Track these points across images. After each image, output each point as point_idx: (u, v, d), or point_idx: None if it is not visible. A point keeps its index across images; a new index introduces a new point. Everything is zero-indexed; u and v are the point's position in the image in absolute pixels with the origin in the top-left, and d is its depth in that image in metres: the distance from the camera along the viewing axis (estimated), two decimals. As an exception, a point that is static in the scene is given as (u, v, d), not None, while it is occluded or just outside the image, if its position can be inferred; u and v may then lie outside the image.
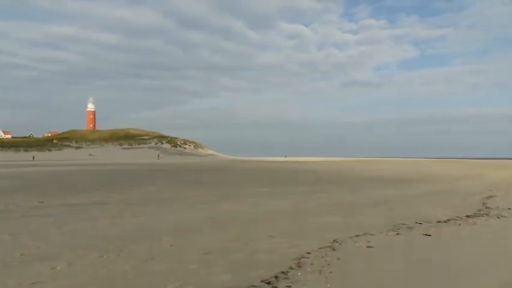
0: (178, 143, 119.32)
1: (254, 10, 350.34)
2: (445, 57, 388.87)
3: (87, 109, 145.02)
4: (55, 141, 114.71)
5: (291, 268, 4.75)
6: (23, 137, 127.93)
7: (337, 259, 5.16)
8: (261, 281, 4.29)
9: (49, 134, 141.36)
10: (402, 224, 7.67)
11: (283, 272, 4.58)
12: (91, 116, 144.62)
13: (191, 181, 19.41)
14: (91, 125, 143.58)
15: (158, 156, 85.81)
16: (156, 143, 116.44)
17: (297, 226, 7.43)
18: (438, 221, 8.08)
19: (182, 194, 12.93)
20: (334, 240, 6.23)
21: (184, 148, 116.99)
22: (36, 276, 4.38)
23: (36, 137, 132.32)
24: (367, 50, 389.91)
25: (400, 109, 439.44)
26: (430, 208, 10.00)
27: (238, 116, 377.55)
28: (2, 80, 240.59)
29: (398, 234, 6.83)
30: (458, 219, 8.41)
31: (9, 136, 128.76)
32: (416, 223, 7.83)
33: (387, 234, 6.81)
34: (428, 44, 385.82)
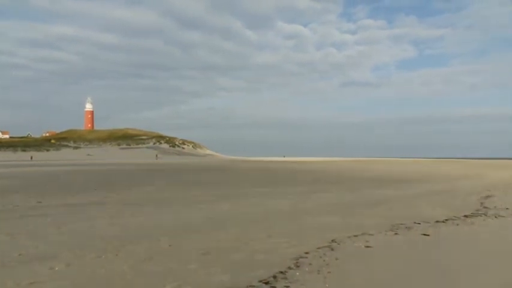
0: (176, 143, 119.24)
1: (252, 10, 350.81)
2: (444, 57, 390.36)
3: (85, 109, 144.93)
4: (53, 141, 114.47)
5: (290, 268, 4.75)
6: (21, 137, 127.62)
7: (335, 259, 5.16)
8: (259, 281, 4.29)
9: (47, 134, 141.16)
10: (401, 224, 7.69)
11: (281, 272, 4.58)
12: (89, 116, 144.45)
13: (190, 181, 19.40)
14: (89, 125, 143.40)
15: (156, 156, 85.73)
16: (155, 143, 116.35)
17: (296, 226, 7.43)
18: (436, 221, 8.10)
19: (181, 194, 12.91)
20: (332, 240, 6.24)
21: (182, 148, 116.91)
22: (34, 276, 4.38)
23: (34, 137, 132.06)
24: (365, 50, 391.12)
25: (399, 109, 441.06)
26: (429, 208, 10.02)
27: (236, 116, 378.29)
28: (0, 80, 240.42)
29: (396, 234, 6.84)
30: (456, 219, 8.43)
31: (7, 136, 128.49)
32: (414, 223, 7.85)
33: (386, 234, 6.82)
34: (426, 44, 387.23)
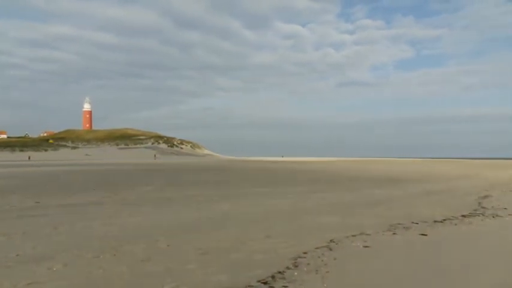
0: (175, 143, 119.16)
1: (250, 10, 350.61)
2: (441, 57, 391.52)
3: (83, 109, 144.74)
4: (51, 141, 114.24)
5: (288, 268, 4.75)
6: (19, 137, 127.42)
7: (333, 259, 5.16)
8: (258, 281, 4.29)
9: (45, 134, 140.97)
10: (399, 224, 7.70)
11: (280, 272, 4.58)
12: (87, 116, 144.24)
13: (188, 181, 19.38)
14: (87, 125, 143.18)
15: (155, 156, 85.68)
16: (153, 143, 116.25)
17: (295, 226, 7.43)
18: (435, 221, 8.11)
19: (179, 194, 12.89)
20: (331, 240, 6.24)
21: (181, 148, 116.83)
22: (32, 276, 4.36)
23: (32, 137, 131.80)
24: (363, 50, 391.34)
25: (397, 109, 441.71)
26: (427, 208, 10.03)
27: (234, 116, 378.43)
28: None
29: (394, 234, 6.85)
30: (454, 219, 8.45)
31: (4, 136, 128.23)
32: (412, 223, 7.86)
33: (384, 234, 6.82)
34: (424, 45, 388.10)
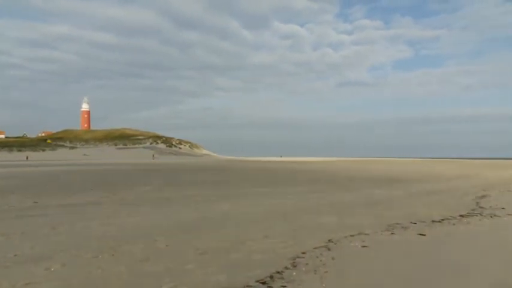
0: (173, 143, 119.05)
1: (249, 10, 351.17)
2: (439, 58, 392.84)
3: (81, 109, 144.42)
4: (49, 141, 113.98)
5: (286, 268, 4.75)
6: (17, 137, 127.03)
7: (332, 259, 5.17)
8: (256, 281, 4.30)
9: (43, 134, 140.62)
10: (397, 224, 7.71)
11: (278, 272, 4.59)
12: (85, 116, 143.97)
13: (187, 181, 19.36)
14: (85, 125, 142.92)
15: (153, 156, 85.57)
16: (151, 143, 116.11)
17: (294, 226, 7.43)
18: (433, 221, 8.13)
19: (178, 194, 12.88)
20: (329, 240, 6.25)
21: (179, 148, 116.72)
22: (30, 277, 4.35)
23: (30, 137, 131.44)
24: (362, 51, 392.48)
25: (396, 109, 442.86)
26: (425, 208, 10.05)
27: (233, 116, 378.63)
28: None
29: (393, 234, 6.86)
30: (452, 218, 8.47)
31: (2, 136, 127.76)
32: (411, 223, 7.87)
33: (382, 234, 6.84)
34: (422, 45, 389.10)
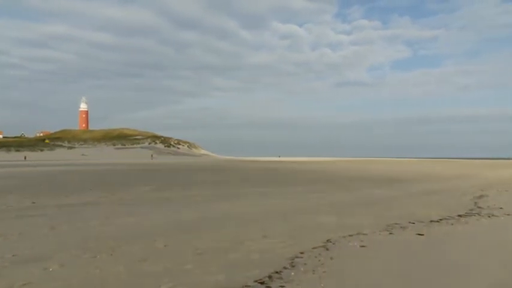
0: (171, 143, 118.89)
1: (247, 10, 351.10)
2: (437, 58, 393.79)
3: (79, 109, 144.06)
4: (47, 141, 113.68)
5: (285, 268, 4.76)
6: (15, 137, 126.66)
7: (330, 259, 5.18)
8: (255, 281, 4.30)
9: (41, 134, 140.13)
10: (396, 224, 7.73)
11: (276, 272, 4.59)
12: (84, 116, 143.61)
13: (185, 181, 19.34)
14: (84, 125, 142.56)
15: (152, 156, 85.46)
16: (150, 143, 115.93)
17: (293, 226, 7.44)
18: (431, 221, 8.15)
19: (177, 194, 12.87)
20: (327, 240, 6.26)
21: (177, 148, 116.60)
22: (28, 277, 4.35)
23: (28, 137, 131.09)
24: (360, 51, 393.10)
25: (395, 109, 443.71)
26: (424, 208, 10.07)
27: (231, 116, 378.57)
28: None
29: (391, 233, 6.88)
30: (450, 218, 8.49)
31: (0, 136, 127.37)
32: (409, 223, 7.89)
33: (380, 233, 6.85)
34: (420, 45, 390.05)
